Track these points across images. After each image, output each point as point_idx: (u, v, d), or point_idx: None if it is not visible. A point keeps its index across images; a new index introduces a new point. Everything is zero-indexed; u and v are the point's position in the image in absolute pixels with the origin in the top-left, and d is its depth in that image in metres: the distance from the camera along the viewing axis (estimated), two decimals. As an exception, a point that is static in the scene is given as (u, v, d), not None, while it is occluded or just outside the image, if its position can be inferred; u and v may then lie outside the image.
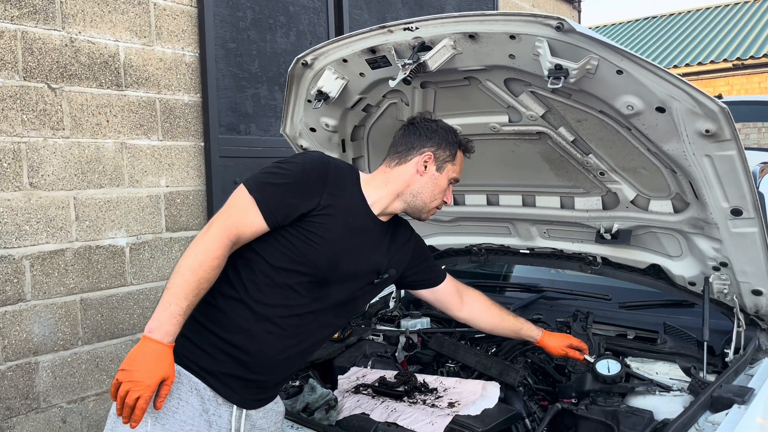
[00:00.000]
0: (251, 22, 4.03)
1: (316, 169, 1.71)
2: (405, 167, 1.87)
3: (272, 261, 1.69)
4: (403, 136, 1.90)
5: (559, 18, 1.65)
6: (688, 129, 1.74)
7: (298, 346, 1.77)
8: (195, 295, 1.55)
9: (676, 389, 2.03)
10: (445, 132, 1.89)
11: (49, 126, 3.11)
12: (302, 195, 1.67)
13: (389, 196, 1.86)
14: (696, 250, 2.17)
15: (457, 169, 1.92)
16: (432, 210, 1.92)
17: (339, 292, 1.80)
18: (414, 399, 2.10)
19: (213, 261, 1.57)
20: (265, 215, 1.64)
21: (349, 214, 1.76)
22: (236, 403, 1.72)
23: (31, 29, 3.04)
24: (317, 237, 1.69)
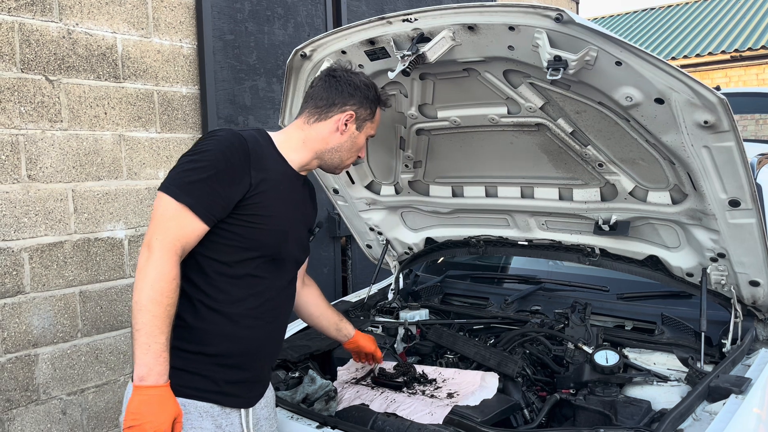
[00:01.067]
0: (249, 14, 4.01)
1: (236, 149, 1.61)
2: (324, 125, 1.80)
3: (223, 258, 1.64)
4: (324, 90, 1.80)
5: (559, 9, 1.65)
6: (686, 120, 1.75)
7: (280, 325, 1.81)
8: (168, 324, 1.50)
9: (674, 379, 2.05)
10: (367, 88, 1.82)
11: (47, 118, 3.10)
12: (232, 182, 1.59)
13: (308, 155, 1.81)
14: (694, 241, 2.18)
15: (375, 126, 1.89)
16: (347, 166, 1.90)
17: (291, 258, 1.80)
18: (413, 390, 2.11)
19: (171, 283, 1.51)
20: (203, 217, 1.56)
21: (279, 182, 1.71)
22: (243, 406, 1.72)
23: (28, 21, 3.02)
24: (259, 217, 1.64)
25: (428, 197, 2.70)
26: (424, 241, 2.93)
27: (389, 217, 2.89)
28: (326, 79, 1.82)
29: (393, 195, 2.76)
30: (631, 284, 2.62)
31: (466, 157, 2.48)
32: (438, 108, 2.29)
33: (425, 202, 2.73)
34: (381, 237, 2.97)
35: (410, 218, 2.90)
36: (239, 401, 1.70)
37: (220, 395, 1.66)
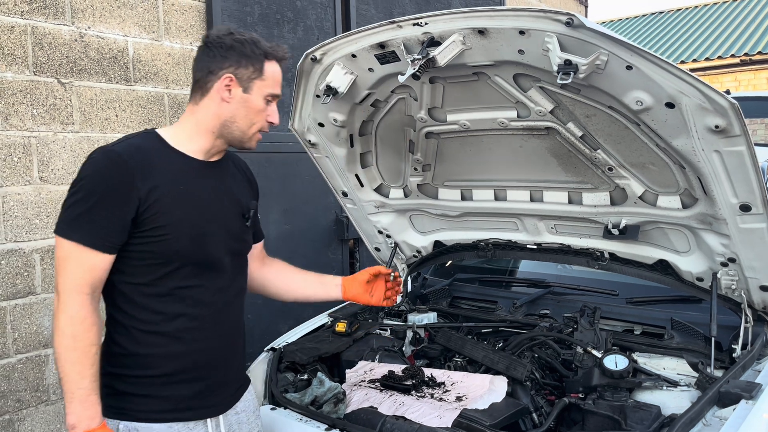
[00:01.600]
0: (259, 17, 4.03)
1: (112, 167, 1.51)
2: (209, 99, 1.64)
3: (144, 279, 1.57)
4: (199, 62, 1.66)
5: (569, 13, 1.65)
6: (697, 125, 1.75)
7: (230, 327, 1.72)
8: (90, 365, 1.48)
9: (684, 384, 2.04)
10: (242, 45, 1.63)
11: (59, 120, 3.13)
12: (119, 202, 1.50)
13: (207, 138, 1.67)
14: (704, 246, 2.17)
15: (270, 84, 1.68)
16: (255, 135, 1.71)
17: (226, 253, 1.68)
18: (422, 393, 2.12)
19: (83, 324, 1.48)
20: (99, 248, 1.49)
21: (176, 183, 1.59)
22: (209, 416, 1.67)
23: (41, 24, 3.05)
24: (161, 228, 1.55)
25: (437, 200, 2.71)
26: (433, 244, 2.93)
27: (398, 220, 2.89)
28: (200, 50, 1.67)
29: (402, 198, 2.77)
30: (641, 288, 2.61)
31: (475, 161, 2.48)
32: (447, 111, 2.29)
33: (434, 205, 2.73)
34: (389, 240, 2.97)
35: (419, 221, 2.91)
36: (203, 412, 1.66)
37: (178, 412, 1.61)
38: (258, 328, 4.08)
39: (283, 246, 4.25)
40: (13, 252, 2.99)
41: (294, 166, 4.31)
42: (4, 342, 2.96)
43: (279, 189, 4.23)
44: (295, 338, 2.61)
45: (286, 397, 2.14)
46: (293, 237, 4.31)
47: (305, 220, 4.41)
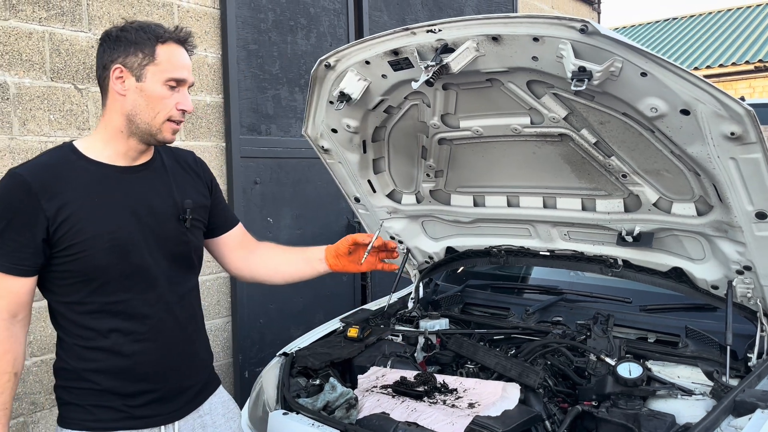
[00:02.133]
0: (272, 24, 4.06)
1: (15, 191, 1.47)
2: (110, 98, 1.56)
3: (73, 298, 1.55)
4: (97, 60, 1.58)
5: (584, 20, 1.66)
6: (712, 132, 1.74)
7: (178, 332, 1.68)
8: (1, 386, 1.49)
9: (699, 393, 2.02)
10: (130, 32, 1.53)
11: (75, 126, 3.16)
12: (27, 225, 1.47)
13: (119, 140, 1.58)
14: (719, 254, 2.15)
15: (168, 67, 1.55)
16: (165, 125, 1.58)
17: (159, 260, 1.62)
18: (434, 399, 2.11)
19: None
20: (14, 272, 1.48)
21: (91, 194, 1.53)
22: (162, 423, 1.65)
23: (58, 31, 3.09)
24: (77, 245, 1.50)
25: (449, 206, 2.71)
26: (445, 250, 2.93)
27: (410, 226, 2.89)
28: (97, 51, 1.60)
29: (414, 204, 2.77)
30: (655, 296, 2.59)
31: (488, 167, 2.48)
32: (461, 118, 2.29)
33: (446, 211, 2.73)
34: (402, 246, 2.98)
35: (431, 227, 2.91)
36: (156, 420, 1.64)
37: (132, 420, 1.60)
38: (269, 333, 4.10)
39: (295, 251, 4.27)
40: (29, 256, 3.02)
41: (306, 172, 4.33)
42: (19, 345, 2.99)
43: (291, 194, 4.25)
44: (306, 343, 2.61)
45: (298, 402, 2.15)
46: (304, 242, 4.32)
47: (317, 226, 4.42)
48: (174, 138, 1.64)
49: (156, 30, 1.56)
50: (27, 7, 2.98)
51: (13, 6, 2.93)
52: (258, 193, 4.00)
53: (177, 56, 1.58)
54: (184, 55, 1.61)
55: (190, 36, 1.64)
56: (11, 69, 2.94)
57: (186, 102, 1.60)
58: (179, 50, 1.59)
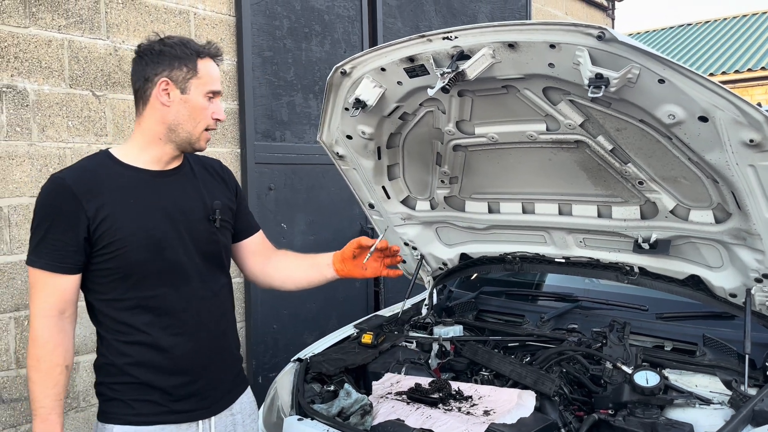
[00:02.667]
0: (287, 31, 4.09)
1: (58, 193, 1.58)
2: (150, 107, 1.66)
3: (113, 295, 1.64)
4: (135, 73, 1.68)
5: (601, 27, 1.65)
6: (731, 138, 1.73)
7: (210, 329, 1.75)
8: (53, 385, 1.58)
9: (717, 402, 2.00)
10: (172, 48, 1.64)
11: (92, 132, 3.20)
12: (70, 225, 1.57)
13: (157, 146, 1.68)
14: (737, 261, 2.13)
15: (206, 81, 1.68)
16: (204, 135, 1.71)
17: (192, 258, 1.70)
18: (449, 406, 2.10)
19: (46, 346, 1.58)
20: (60, 270, 1.58)
21: (127, 196, 1.63)
22: (199, 418, 1.72)
23: (77, 38, 3.13)
24: (116, 243, 1.59)
25: (464, 213, 2.70)
26: (459, 256, 2.93)
27: (424, 233, 2.89)
28: (134, 62, 1.70)
29: (428, 210, 2.77)
30: (671, 304, 2.57)
31: (503, 174, 2.48)
32: (476, 124, 2.29)
33: (461, 217, 2.73)
34: (415, 252, 2.98)
35: (445, 234, 2.90)
36: (194, 414, 1.71)
37: (169, 414, 1.67)
38: (283, 338, 4.10)
39: (309, 257, 4.28)
40: (46, 260, 3.05)
41: (320, 178, 4.34)
42: (36, 349, 3.02)
43: (305, 200, 4.27)
44: (321, 349, 2.61)
45: (313, 407, 2.15)
46: (318, 248, 4.32)
47: (330, 232, 4.43)
48: (206, 146, 1.75)
49: (195, 45, 1.68)
50: (47, 15, 3.02)
51: (33, 14, 2.98)
52: (272, 198, 4.02)
53: (214, 71, 1.71)
54: (217, 68, 1.73)
55: (221, 51, 1.76)
56: (31, 76, 2.98)
57: (220, 112, 1.73)
58: (214, 65, 1.72)
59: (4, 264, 2.91)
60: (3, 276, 2.90)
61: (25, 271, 2.97)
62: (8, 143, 2.91)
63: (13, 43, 2.92)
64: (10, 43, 2.91)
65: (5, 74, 2.90)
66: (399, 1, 4.88)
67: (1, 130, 2.89)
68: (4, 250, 2.91)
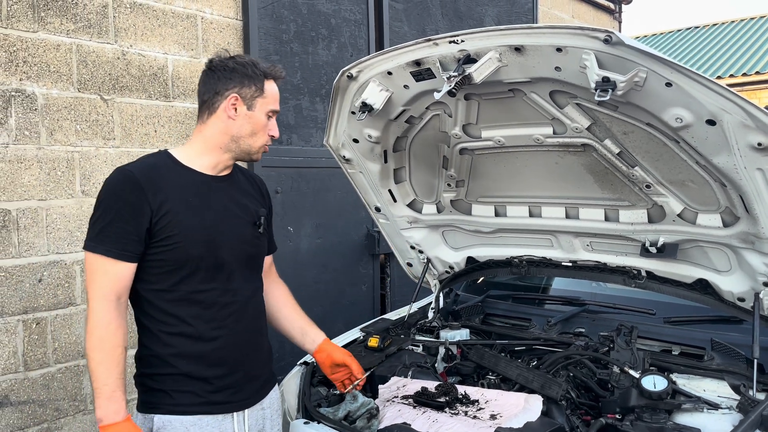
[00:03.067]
0: (294, 35, 4.10)
1: (125, 185, 1.68)
2: (215, 118, 1.79)
3: (163, 285, 1.72)
4: (205, 84, 1.81)
5: (607, 30, 1.65)
6: (739, 142, 1.72)
7: (248, 325, 1.85)
8: (116, 365, 1.64)
9: (725, 407, 1.99)
10: (244, 67, 1.78)
11: (101, 136, 3.22)
12: (134, 215, 1.66)
13: (215, 154, 1.81)
14: (746, 265, 2.12)
15: (270, 101, 1.83)
16: (260, 149, 1.85)
17: (238, 257, 1.81)
18: (455, 410, 2.10)
19: (109, 327, 1.64)
20: (120, 257, 1.66)
21: (186, 195, 1.74)
22: (235, 410, 1.80)
23: (85, 42, 3.15)
24: (174, 236, 1.69)
25: (470, 216, 2.70)
26: (466, 260, 2.92)
27: (430, 236, 2.89)
28: (205, 74, 1.82)
29: (435, 214, 2.77)
30: (679, 308, 2.56)
31: (509, 177, 2.47)
32: (482, 128, 2.29)
33: (467, 221, 2.73)
34: (422, 255, 2.98)
35: (451, 237, 2.90)
36: (229, 406, 1.79)
37: (207, 405, 1.75)
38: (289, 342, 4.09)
39: (315, 260, 4.28)
40: (55, 264, 3.07)
41: (326, 181, 4.35)
42: (44, 352, 3.04)
43: (311, 204, 4.27)
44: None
45: (319, 411, 2.15)
46: (325, 251, 4.34)
47: (337, 235, 4.43)
48: (261, 158, 1.90)
49: (263, 67, 1.82)
50: (55, 19, 3.04)
51: (42, 18, 3.00)
52: (279, 202, 4.03)
53: (277, 92, 1.87)
54: (277, 89, 1.88)
55: (284, 74, 1.91)
56: (39, 80, 3.00)
57: (275, 130, 1.88)
58: (276, 86, 1.87)
59: (12, 267, 2.93)
60: (11, 279, 2.92)
61: (32, 275, 2.99)
62: (17, 147, 2.93)
63: (22, 48, 2.94)
64: (19, 48, 2.93)
65: (14, 78, 2.92)
66: (405, 5, 4.89)
67: (10, 133, 2.91)
68: (13, 253, 2.92)
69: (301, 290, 4.30)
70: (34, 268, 2.99)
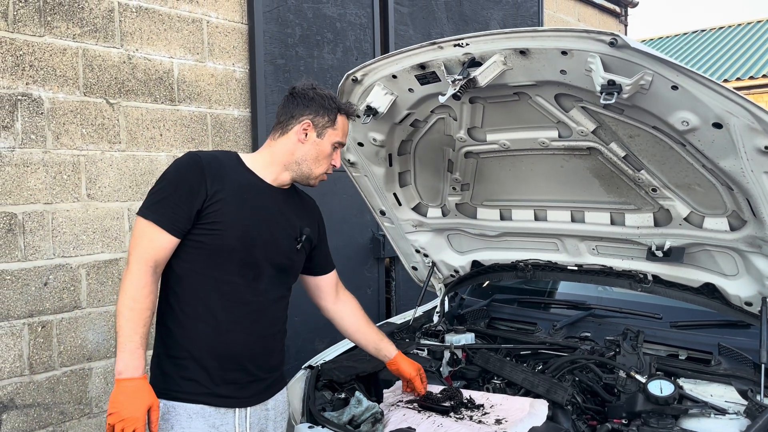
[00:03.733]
0: (299, 39, 4.11)
1: (190, 166, 1.78)
2: (286, 138, 1.90)
3: (196, 267, 1.79)
4: (284, 107, 1.93)
5: (613, 33, 1.65)
6: (746, 145, 1.71)
7: (263, 328, 1.88)
8: (143, 325, 1.69)
9: (732, 412, 1.97)
10: (322, 98, 1.90)
11: (106, 139, 3.23)
12: (189, 194, 1.75)
13: (277, 168, 1.91)
14: (753, 270, 2.11)
15: (339, 134, 1.93)
16: (320, 176, 1.95)
17: (266, 261, 1.86)
18: (460, 414, 2.09)
19: (143, 290, 1.70)
20: (169, 229, 1.74)
21: (242, 192, 1.83)
22: (237, 406, 1.83)
23: (91, 47, 3.17)
24: (218, 224, 1.77)
25: (475, 220, 2.70)
26: (471, 264, 2.91)
27: (435, 240, 2.89)
28: (286, 98, 1.94)
29: (440, 217, 2.77)
30: (686, 312, 2.54)
31: (514, 181, 2.47)
32: (487, 131, 2.29)
33: (472, 224, 2.72)
34: (427, 259, 2.97)
35: (457, 241, 2.89)
36: (231, 401, 1.82)
37: (212, 396, 1.79)
38: (294, 345, 4.10)
39: (320, 264, 4.27)
40: (60, 267, 3.08)
41: (331, 185, 4.34)
42: (49, 355, 3.04)
43: (317, 207, 4.27)
44: (332, 356, 2.61)
45: (324, 415, 2.15)
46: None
47: (342, 238, 4.43)
48: (318, 185, 2.00)
49: (339, 102, 1.93)
50: (62, 24, 3.06)
51: (48, 23, 3.02)
52: (284, 205, 4.03)
53: (347, 126, 1.97)
54: (348, 125, 1.99)
55: (359, 113, 2.03)
56: (46, 84, 3.01)
57: (338, 160, 1.99)
58: (347, 121, 1.97)
59: (18, 270, 2.93)
60: (17, 282, 2.93)
61: (38, 278, 2.99)
62: (23, 151, 2.94)
63: (29, 52, 2.96)
64: (26, 52, 2.95)
65: (21, 82, 2.94)
66: (411, 9, 4.89)
67: (17, 137, 2.92)
68: (19, 256, 2.93)
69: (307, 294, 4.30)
70: (39, 271, 3.00)
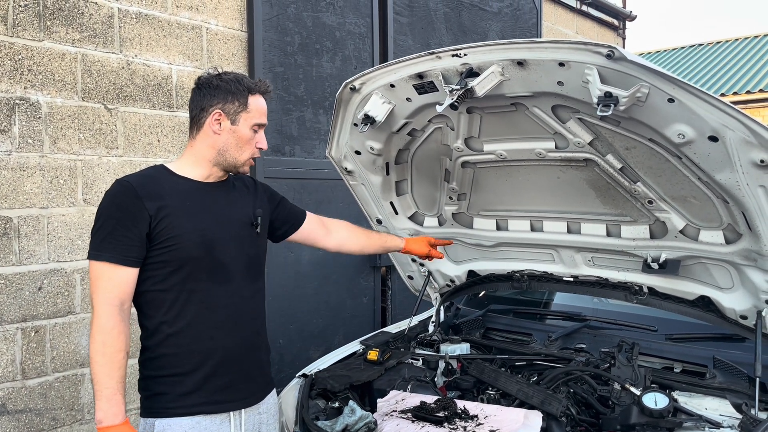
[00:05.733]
0: (298, 47, 4.12)
1: (123, 194, 1.75)
2: (203, 132, 1.86)
3: (164, 287, 1.77)
4: (192, 102, 1.89)
5: (610, 46, 1.65)
6: (741, 159, 1.71)
7: (249, 324, 1.90)
8: (117, 368, 1.69)
9: (727, 426, 1.97)
10: (228, 84, 1.84)
11: (104, 145, 3.23)
12: (132, 220, 1.72)
13: (205, 165, 1.88)
14: (748, 283, 2.11)
15: (255, 115, 1.88)
16: (247, 161, 1.91)
17: (237, 258, 1.86)
18: (454, 425, 2.08)
19: (112, 332, 1.69)
20: (125, 263, 1.72)
21: (184, 200, 1.81)
22: (233, 409, 1.84)
23: (90, 52, 3.17)
24: (174, 238, 1.76)
25: (472, 230, 2.70)
26: (467, 273, 2.91)
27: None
28: (193, 91, 1.90)
29: (436, 227, 2.77)
30: (681, 325, 2.54)
31: (511, 191, 2.47)
32: (484, 141, 2.29)
33: (468, 234, 2.72)
34: (423, 268, 2.97)
35: (453, 250, 2.89)
36: (227, 405, 1.83)
37: (207, 405, 1.80)
38: (289, 353, 4.09)
39: (316, 271, 4.27)
40: (55, 272, 3.06)
41: (328, 193, 4.35)
42: (42, 360, 3.02)
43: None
44: (326, 365, 2.60)
45: (317, 424, 2.13)
46: (326, 263, 4.33)
47: (338, 247, 4.42)
48: (249, 171, 1.95)
49: (248, 82, 1.87)
50: (61, 28, 3.06)
51: (48, 27, 3.02)
52: (280, 213, 4.03)
53: (262, 105, 1.90)
54: (264, 103, 1.92)
55: (271, 88, 1.95)
56: (44, 89, 3.01)
57: (263, 142, 1.93)
58: (263, 100, 1.91)
59: (12, 275, 2.92)
60: (11, 287, 2.92)
61: (32, 283, 2.98)
62: (20, 155, 2.94)
63: (27, 56, 2.96)
64: (24, 56, 2.95)
65: (19, 86, 2.94)
66: (410, 19, 4.91)
67: (14, 141, 2.92)
68: (13, 260, 2.92)
69: (302, 302, 4.29)
70: (34, 276, 2.99)
